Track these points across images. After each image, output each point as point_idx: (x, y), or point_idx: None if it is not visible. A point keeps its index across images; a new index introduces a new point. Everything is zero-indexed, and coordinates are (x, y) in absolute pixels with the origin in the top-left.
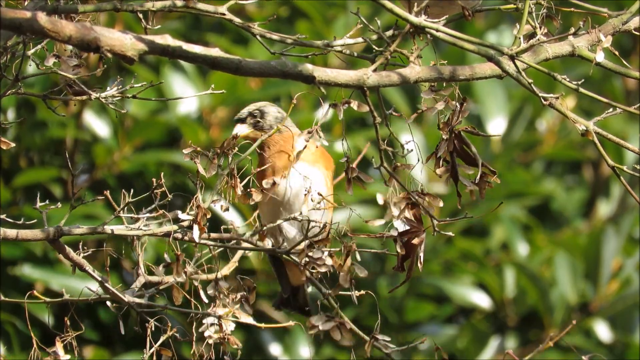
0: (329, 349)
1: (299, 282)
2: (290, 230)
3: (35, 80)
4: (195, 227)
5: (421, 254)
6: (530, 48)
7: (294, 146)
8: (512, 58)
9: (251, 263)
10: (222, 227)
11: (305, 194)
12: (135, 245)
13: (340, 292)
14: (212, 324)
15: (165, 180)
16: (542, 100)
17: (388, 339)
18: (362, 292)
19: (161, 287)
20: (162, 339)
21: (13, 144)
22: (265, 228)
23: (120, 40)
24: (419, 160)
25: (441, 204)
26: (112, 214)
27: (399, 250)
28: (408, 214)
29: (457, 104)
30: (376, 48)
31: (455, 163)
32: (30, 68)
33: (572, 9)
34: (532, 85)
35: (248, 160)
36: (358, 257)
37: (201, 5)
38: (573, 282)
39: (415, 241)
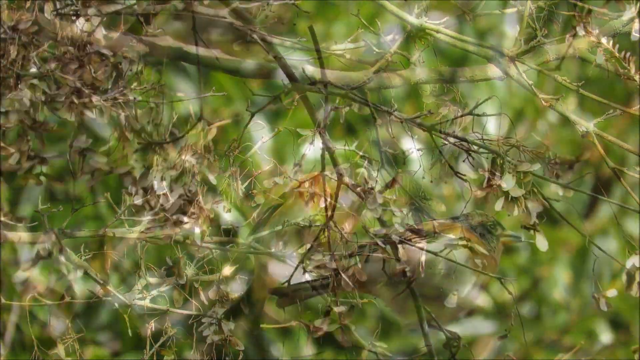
0: (330, 350)
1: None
2: None
3: (37, 81)
4: (197, 230)
5: (422, 260)
6: (530, 49)
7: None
8: (512, 59)
9: (252, 263)
10: (222, 228)
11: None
12: (137, 248)
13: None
14: (211, 324)
15: None
16: (543, 101)
17: (385, 346)
18: (366, 300)
19: (162, 289)
20: (161, 339)
21: (14, 150)
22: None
23: (121, 42)
24: (420, 167)
25: (444, 209)
26: (114, 213)
27: (401, 257)
28: (410, 220)
29: (459, 108)
30: (377, 50)
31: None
32: (32, 70)
33: (573, 12)
34: (532, 86)
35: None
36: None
37: (202, 9)
38: (574, 282)
39: (417, 247)
